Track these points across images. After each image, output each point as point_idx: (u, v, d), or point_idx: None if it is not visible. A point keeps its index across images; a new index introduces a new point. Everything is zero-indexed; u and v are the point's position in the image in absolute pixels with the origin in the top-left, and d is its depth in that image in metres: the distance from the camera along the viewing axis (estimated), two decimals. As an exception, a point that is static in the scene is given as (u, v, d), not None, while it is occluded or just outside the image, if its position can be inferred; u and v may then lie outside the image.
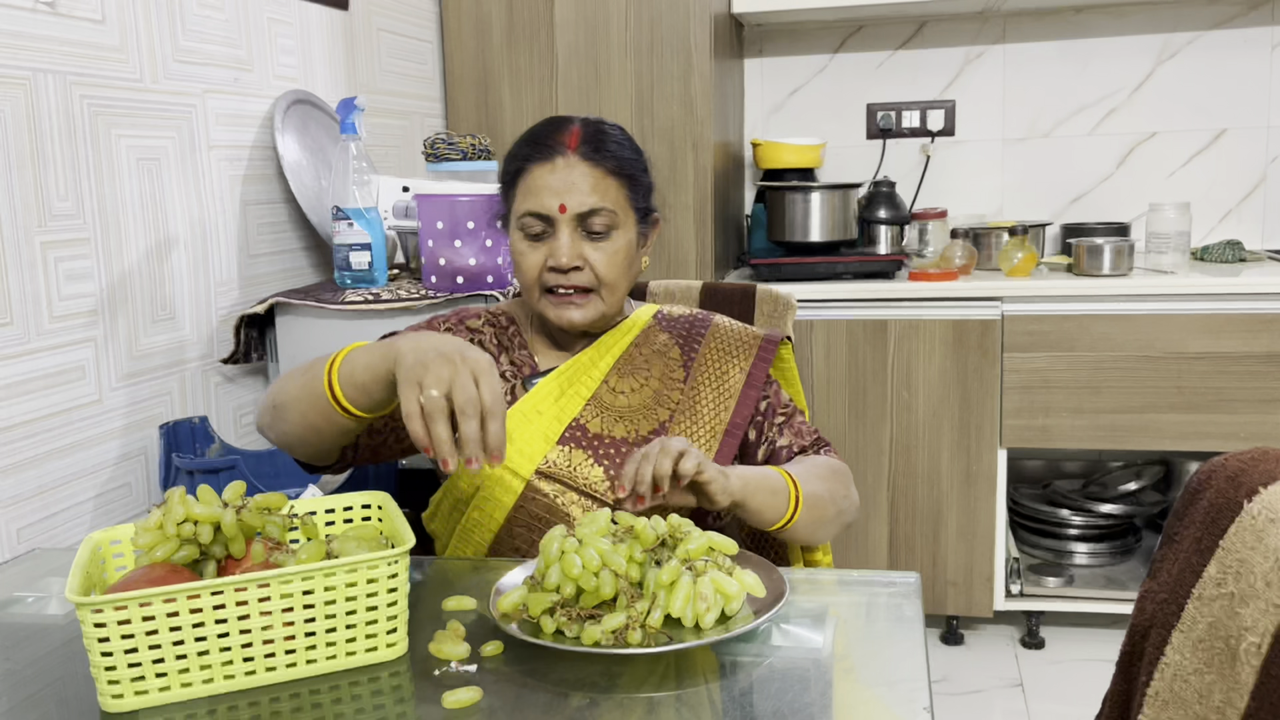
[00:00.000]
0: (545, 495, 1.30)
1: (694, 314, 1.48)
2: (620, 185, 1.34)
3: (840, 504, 1.34)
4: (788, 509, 1.25)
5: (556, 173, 1.30)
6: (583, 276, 1.32)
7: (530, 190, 1.32)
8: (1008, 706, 2.33)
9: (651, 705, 0.88)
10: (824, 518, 1.31)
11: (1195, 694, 0.95)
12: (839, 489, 1.35)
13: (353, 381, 1.11)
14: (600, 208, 1.31)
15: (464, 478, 1.33)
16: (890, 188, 2.75)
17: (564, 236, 1.30)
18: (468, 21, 2.63)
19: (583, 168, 1.31)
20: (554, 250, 1.31)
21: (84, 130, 1.55)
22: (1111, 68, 2.95)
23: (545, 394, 1.34)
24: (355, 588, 0.93)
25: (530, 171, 1.32)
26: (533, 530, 1.30)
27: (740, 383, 1.40)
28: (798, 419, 1.44)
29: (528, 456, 1.30)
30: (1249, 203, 2.94)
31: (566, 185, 1.30)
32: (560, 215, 1.30)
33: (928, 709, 0.85)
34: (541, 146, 1.33)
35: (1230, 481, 0.97)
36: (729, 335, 1.44)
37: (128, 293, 1.64)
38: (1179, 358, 2.41)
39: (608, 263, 1.32)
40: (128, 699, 0.88)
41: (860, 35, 3.05)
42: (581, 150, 1.32)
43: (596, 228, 1.31)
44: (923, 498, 2.55)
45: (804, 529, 1.29)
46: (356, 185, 1.83)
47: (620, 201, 1.33)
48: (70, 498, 1.53)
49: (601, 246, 1.32)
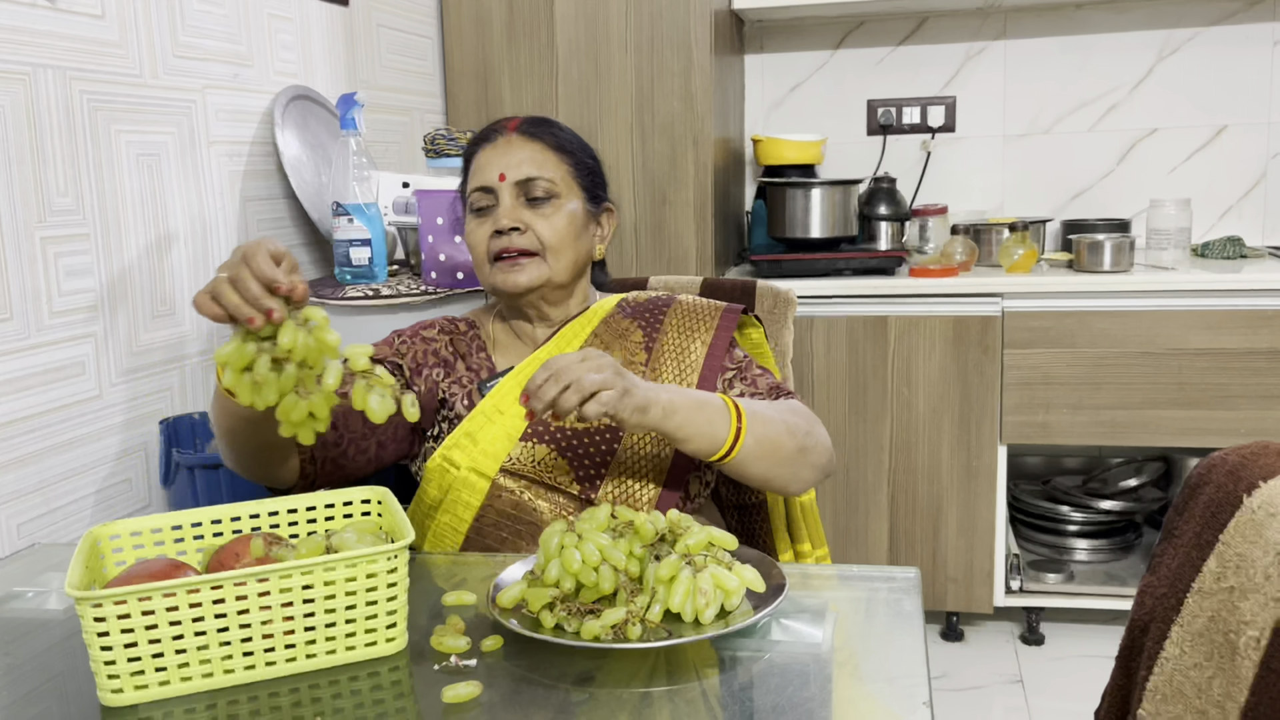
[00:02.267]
0: (511, 492, 1.31)
1: (657, 295, 1.49)
2: (560, 160, 1.42)
3: (802, 439, 1.27)
4: (728, 435, 1.20)
5: (497, 149, 1.41)
6: (524, 239, 1.38)
7: (476, 170, 1.42)
8: (1008, 703, 2.34)
9: (650, 700, 0.88)
10: (780, 450, 1.24)
11: (1195, 688, 0.95)
12: (799, 423, 1.28)
13: None
14: (538, 175, 1.39)
15: (432, 483, 1.33)
16: (891, 184, 2.74)
17: (505, 201, 1.39)
18: (468, 17, 2.63)
19: (521, 141, 1.41)
20: (495, 217, 1.38)
21: (84, 126, 1.55)
22: (1112, 64, 2.95)
23: (505, 393, 1.35)
24: (355, 582, 0.93)
25: (476, 156, 1.43)
26: (501, 528, 1.31)
27: (702, 355, 1.40)
28: (753, 370, 1.41)
29: (492, 456, 1.31)
30: (1250, 199, 2.94)
31: (505, 158, 1.40)
32: (500, 184, 1.39)
33: (927, 704, 0.85)
34: (486, 132, 1.45)
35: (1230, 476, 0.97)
36: (690, 311, 1.45)
37: (128, 288, 1.64)
38: (1179, 354, 2.41)
39: (549, 226, 1.38)
40: (127, 693, 0.88)
41: (861, 31, 3.05)
42: (521, 129, 1.42)
43: (536, 193, 1.39)
44: (923, 494, 2.55)
45: (755, 462, 1.23)
46: (356, 181, 1.83)
47: (561, 174, 1.41)
48: (70, 493, 1.53)
49: (542, 212, 1.39)
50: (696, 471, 1.38)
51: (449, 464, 1.32)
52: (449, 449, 1.32)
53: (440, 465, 1.33)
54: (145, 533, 1.04)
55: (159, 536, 1.05)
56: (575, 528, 1.03)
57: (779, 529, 1.53)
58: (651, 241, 2.58)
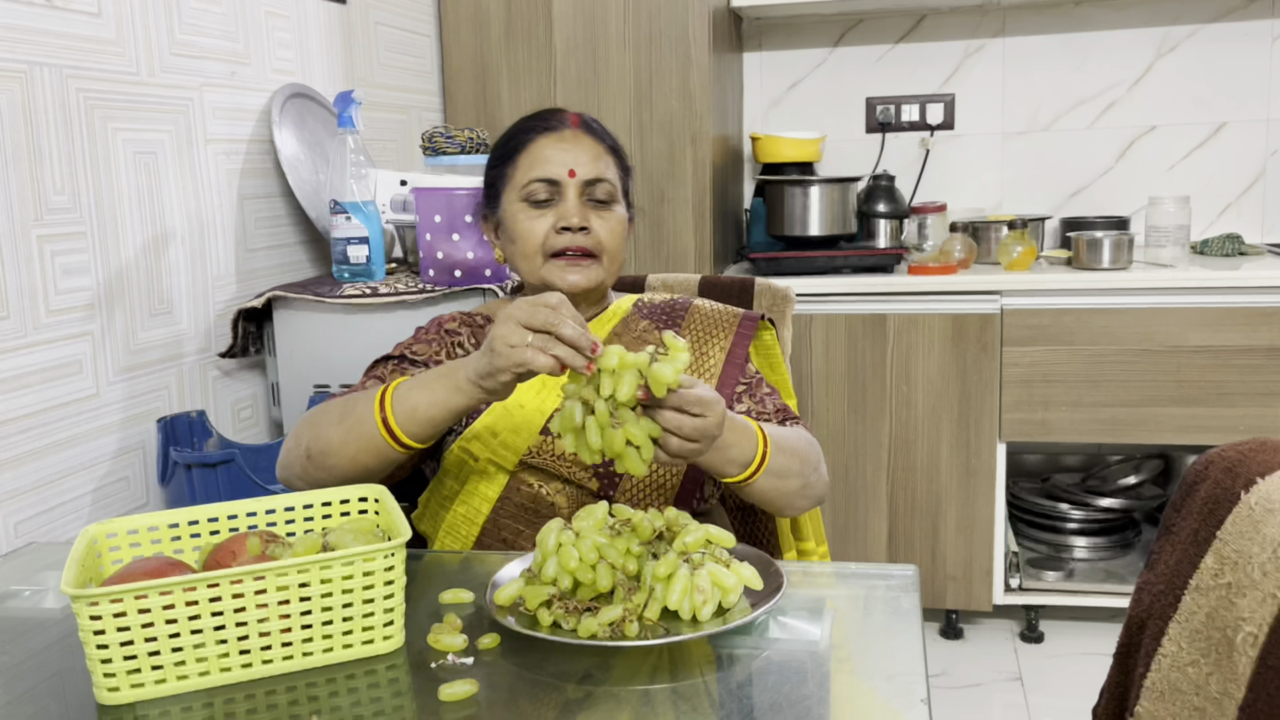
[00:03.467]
0: (530, 485, 1.31)
1: (674, 299, 1.49)
2: (615, 165, 1.40)
3: (809, 475, 1.28)
4: (752, 462, 1.19)
5: (565, 141, 1.37)
6: (589, 239, 1.36)
7: (537, 159, 1.37)
8: (1007, 700, 2.33)
9: (648, 698, 0.88)
10: (788, 483, 1.24)
11: (1192, 685, 0.95)
12: (810, 457, 1.29)
13: (415, 419, 1.15)
14: (604, 177, 1.37)
15: (450, 474, 1.34)
16: (889, 181, 2.74)
17: (572, 198, 1.36)
18: (466, 15, 2.62)
19: (587, 140, 1.38)
20: (563, 213, 1.35)
21: (80, 124, 1.54)
22: (1111, 61, 2.94)
23: (526, 387, 1.34)
24: (351, 580, 0.93)
25: (535, 142, 1.38)
26: (518, 521, 1.31)
27: (721, 361, 1.40)
28: (762, 389, 1.41)
29: (511, 449, 1.31)
30: (1249, 196, 2.94)
31: (574, 152, 1.36)
32: (569, 180, 1.35)
33: (924, 701, 0.85)
34: (545, 120, 1.40)
35: (1228, 472, 0.97)
36: (708, 315, 1.45)
37: (125, 287, 1.64)
38: (1178, 351, 2.41)
39: (610, 231, 1.37)
40: (124, 692, 0.88)
41: (859, 29, 3.05)
42: (584, 127, 1.39)
43: (600, 195, 1.37)
44: (922, 492, 2.55)
45: (764, 490, 1.23)
46: (354, 179, 1.83)
47: (616, 177, 1.40)
48: (68, 492, 1.53)
49: (604, 215, 1.37)
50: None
51: (468, 455, 1.32)
52: (468, 441, 1.32)
53: (459, 456, 1.33)
54: (142, 531, 1.04)
55: (156, 535, 1.05)
56: (573, 525, 1.03)
57: (783, 529, 1.53)
58: (650, 239, 2.57)
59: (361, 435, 1.17)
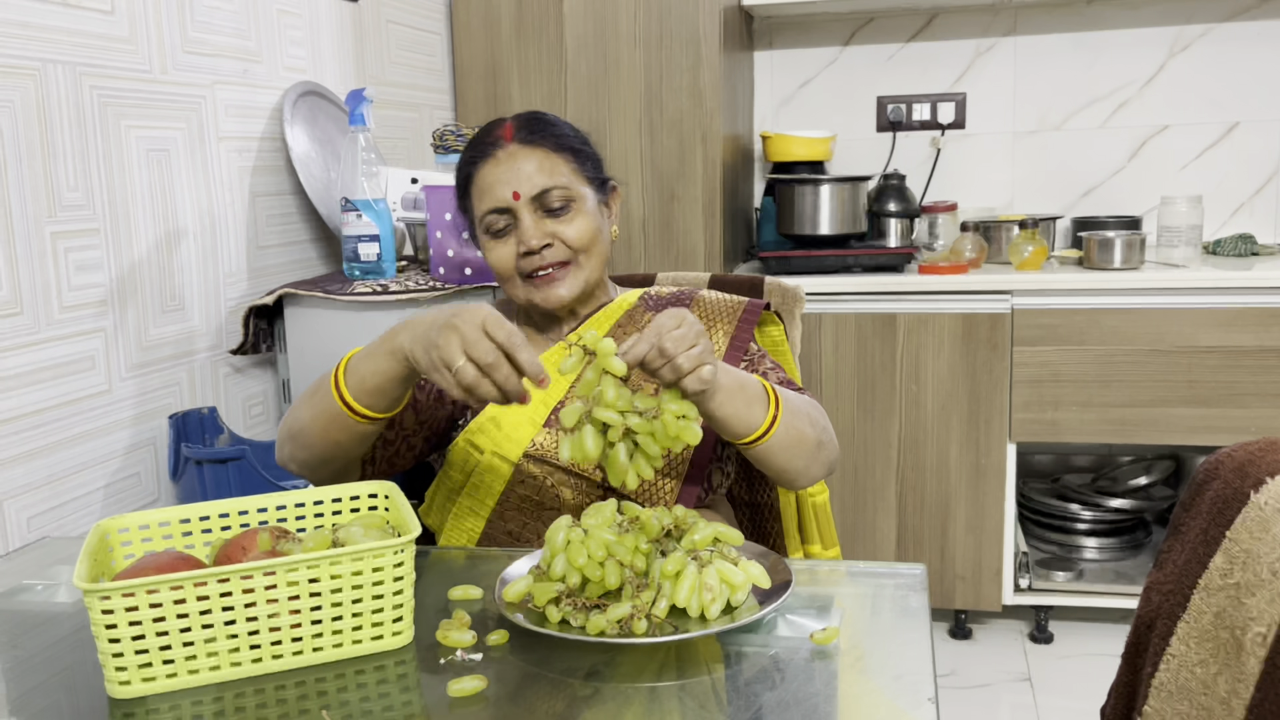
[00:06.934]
0: (534, 477, 1.31)
1: (681, 290, 1.48)
2: (565, 159, 1.36)
3: (820, 434, 1.26)
4: (765, 419, 1.18)
5: (500, 164, 1.34)
6: (556, 252, 1.34)
7: (484, 191, 1.35)
8: (1016, 701, 2.33)
9: (656, 695, 0.88)
10: (804, 442, 1.23)
11: (1200, 685, 0.95)
12: (817, 418, 1.28)
13: (364, 389, 1.13)
14: (552, 185, 1.34)
15: (456, 466, 1.35)
16: (900, 180, 2.74)
17: (526, 220, 1.33)
18: (477, 14, 2.63)
19: (524, 152, 1.34)
20: (521, 236, 1.33)
21: (93, 121, 1.55)
22: (1123, 60, 2.93)
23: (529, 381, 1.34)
24: (361, 576, 0.93)
25: (479, 172, 1.36)
26: (523, 513, 1.32)
27: (724, 346, 1.40)
28: (766, 363, 1.40)
29: (515, 441, 1.32)
30: (1261, 196, 2.93)
31: (513, 173, 1.33)
32: (516, 202, 1.33)
33: (932, 700, 0.85)
34: (481, 146, 1.37)
35: (1237, 472, 0.97)
36: (712, 305, 1.45)
37: (137, 283, 1.65)
38: (1190, 352, 2.40)
39: (578, 231, 1.35)
40: (135, 686, 0.89)
41: (870, 27, 3.04)
42: (519, 137, 1.35)
43: (554, 204, 1.34)
44: (931, 492, 2.54)
45: (781, 451, 1.21)
46: (365, 177, 1.83)
47: (570, 175, 1.36)
48: (80, 487, 1.54)
49: (565, 220, 1.35)
50: (719, 462, 1.39)
51: (473, 448, 1.33)
52: (473, 434, 1.33)
53: (464, 449, 1.33)
54: (153, 526, 1.05)
55: (167, 530, 1.05)
56: (581, 522, 1.03)
57: (790, 531, 1.53)
58: (660, 238, 2.58)
59: (326, 410, 1.16)
